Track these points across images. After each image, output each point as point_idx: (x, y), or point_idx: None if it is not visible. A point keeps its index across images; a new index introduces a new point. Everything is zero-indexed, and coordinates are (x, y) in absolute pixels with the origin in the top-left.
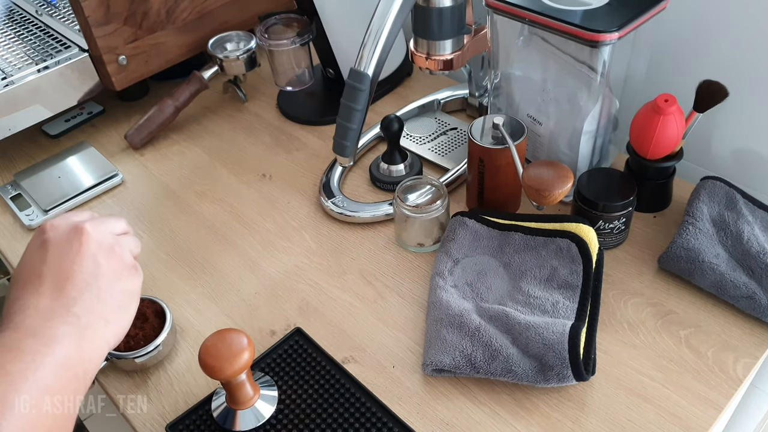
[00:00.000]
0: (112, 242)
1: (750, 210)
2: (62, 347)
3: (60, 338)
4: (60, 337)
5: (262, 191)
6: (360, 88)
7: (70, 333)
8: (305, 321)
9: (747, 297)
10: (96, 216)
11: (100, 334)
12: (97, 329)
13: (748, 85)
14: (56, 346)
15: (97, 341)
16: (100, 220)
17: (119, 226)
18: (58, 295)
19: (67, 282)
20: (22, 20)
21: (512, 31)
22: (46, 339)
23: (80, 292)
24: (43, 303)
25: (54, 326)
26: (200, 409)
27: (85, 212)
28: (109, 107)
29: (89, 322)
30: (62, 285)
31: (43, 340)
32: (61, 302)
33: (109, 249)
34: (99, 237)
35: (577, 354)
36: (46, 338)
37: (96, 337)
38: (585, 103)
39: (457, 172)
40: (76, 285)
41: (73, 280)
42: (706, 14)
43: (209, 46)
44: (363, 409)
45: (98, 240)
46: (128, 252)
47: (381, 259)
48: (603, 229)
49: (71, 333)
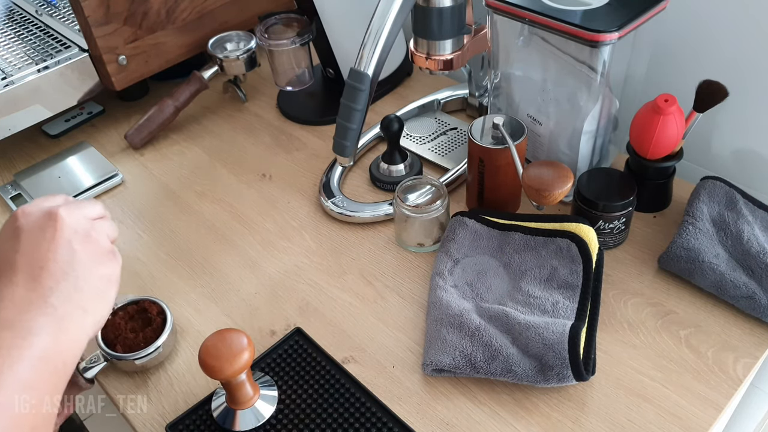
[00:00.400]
0: (87, 227)
1: (750, 210)
2: (40, 340)
3: (37, 330)
4: (37, 329)
5: (262, 191)
6: (360, 88)
7: (47, 324)
8: (305, 321)
9: (747, 297)
10: (71, 200)
11: (78, 324)
12: (75, 319)
13: (748, 85)
14: (33, 338)
15: (76, 332)
16: (74, 205)
17: (95, 210)
18: (33, 286)
19: (43, 271)
20: (22, 20)
21: (512, 31)
22: (23, 332)
23: (56, 281)
24: (19, 294)
25: (31, 318)
26: (200, 409)
27: (59, 196)
28: (109, 107)
29: (67, 312)
30: (37, 274)
31: (19, 333)
32: (38, 293)
33: (85, 234)
34: (74, 222)
35: (577, 354)
36: (23, 331)
37: (74, 328)
38: (585, 103)
39: (457, 172)
40: (51, 274)
41: (49, 269)
42: (706, 14)
43: (209, 46)
44: (363, 409)
45: (73, 226)
46: (105, 237)
47: (381, 259)
48: (603, 229)
49: (48, 324)
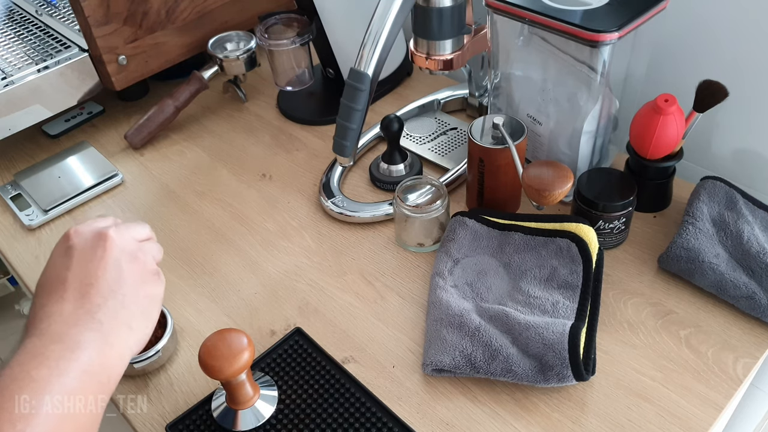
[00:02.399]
0: (135, 248)
1: (750, 210)
2: (86, 353)
3: (84, 344)
4: (84, 343)
5: (262, 191)
6: (360, 88)
7: (94, 339)
8: (305, 321)
9: (747, 297)
10: (119, 222)
11: (123, 340)
12: (120, 335)
13: (748, 85)
14: (80, 352)
15: (120, 347)
16: (124, 226)
17: (143, 232)
18: (82, 302)
19: (91, 288)
20: (22, 20)
21: (512, 31)
22: (71, 345)
23: (104, 298)
24: (68, 309)
25: (78, 332)
26: (200, 409)
27: (108, 218)
28: (109, 107)
29: (113, 328)
30: (86, 291)
31: (67, 345)
32: (86, 308)
33: (133, 255)
34: (122, 243)
35: (577, 354)
36: (71, 344)
37: (119, 344)
38: (585, 103)
39: (457, 172)
40: (100, 291)
41: (98, 287)
42: (706, 14)
43: (209, 46)
44: (363, 409)
45: (122, 246)
46: (151, 258)
47: (381, 259)
48: (603, 229)
49: (95, 339)
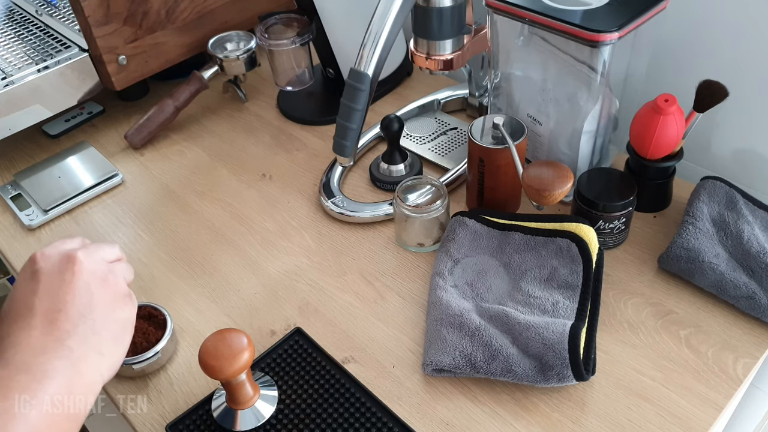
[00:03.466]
0: (105, 271)
1: (750, 210)
2: (54, 383)
3: (53, 373)
4: (53, 372)
5: (262, 191)
6: (360, 88)
7: (62, 367)
8: (305, 321)
9: (747, 297)
10: (88, 243)
11: (94, 367)
12: (91, 362)
13: (748, 85)
14: (48, 381)
15: (91, 375)
16: (93, 248)
17: (112, 253)
18: (50, 329)
19: (60, 314)
20: (22, 20)
21: (512, 31)
22: (39, 375)
23: (74, 324)
24: (35, 337)
25: (46, 361)
26: (200, 409)
27: (76, 239)
28: (109, 107)
29: (83, 354)
30: (55, 317)
31: (35, 376)
32: (54, 335)
33: (103, 278)
34: (92, 266)
35: (577, 354)
36: (39, 374)
37: (89, 371)
38: (585, 103)
39: (457, 172)
40: (69, 317)
41: (67, 312)
42: (706, 14)
43: (209, 46)
44: (363, 409)
45: (91, 269)
46: (122, 280)
47: (381, 259)
48: (603, 229)
49: (64, 367)
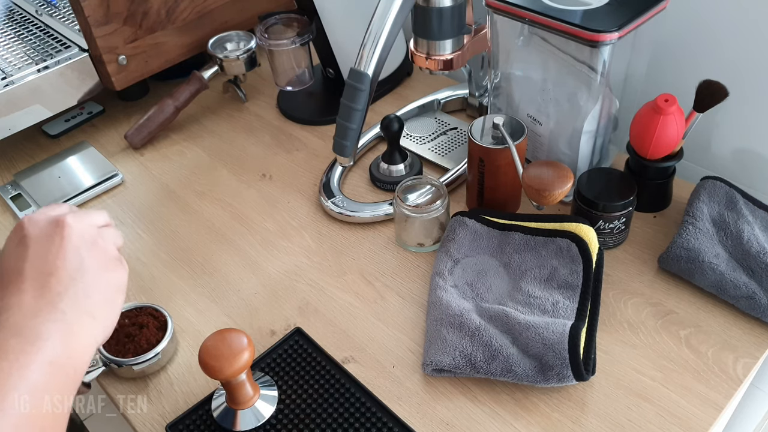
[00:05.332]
0: (94, 235)
1: (750, 210)
2: (49, 345)
3: (46, 335)
4: (46, 335)
5: (262, 191)
6: (360, 88)
7: (56, 330)
8: (305, 321)
9: (747, 297)
10: (75, 209)
11: (87, 329)
12: (84, 325)
13: (748, 85)
14: (42, 343)
15: (85, 338)
16: (81, 213)
17: (101, 219)
18: (42, 292)
19: (51, 278)
20: (22, 20)
21: (512, 31)
22: (32, 337)
23: (65, 287)
24: (27, 301)
25: (39, 324)
26: (200, 409)
27: (63, 205)
28: (109, 107)
29: (76, 317)
30: (46, 281)
31: (28, 338)
32: (46, 299)
33: (92, 242)
34: (81, 230)
35: (577, 354)
36: (32, 337)
37: (83, 333)
38: (585, 103)
39: (457, 172)
40: (60, 280)
41: (57, 276)
42: (706, 14)
43: (209, 46)
44: (363, 409)
45: (80, 233)
46: (112, 244)
47: (381, 259)
48: (603, 229)
49: (58, 330)
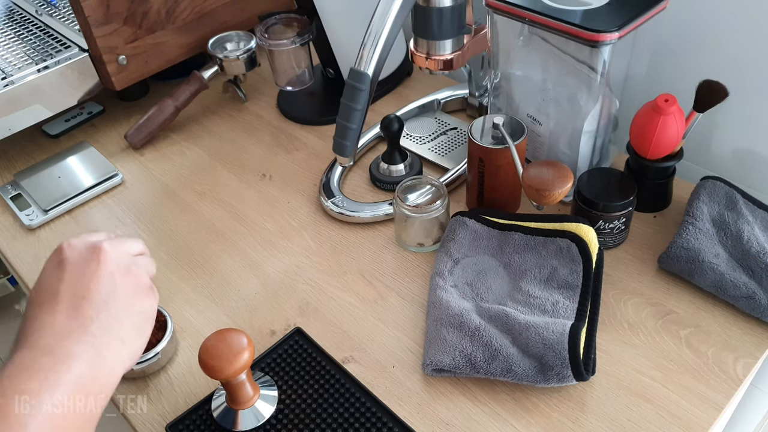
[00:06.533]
0: (129, 262)
1: (750, 210)
2: (78, 365)
3: (76, 356)
4: (76, 356)
5: (262, 191)
6: (360, 88)
7: (85, 351)
8: (305, 321)
9: (747, 297)
10: (112, 236)
11: (116, 354)
12: (113, 349)
13: (748, 85)
14: (72, 363)
15: (113, 362)
16: (117, 240)
17: (136, 247)
18: (75, 314)
19: (84, 301)
20: (22, 20)
21: (512, 31)
22: (62, 357)
23: (97, 311)
24: (59, 321)
25: (70, 345)
26: (200, 409)
27: (101, 233)
28: (109, 107)
29: (105, 342)
30: (79, 304)
31: (58, 358)
32: (78, 321)
33: (127, 269)
34: (116, 257)
35: (577, 354)
36: (62, 356)
37: (111, 357)
38: (585, 103)
39: (457, 172)
40: (93, 304)
41: (90, 299)
42: (706, 14)
43: (209, 46)
44: (363, 409)
45: (116, 259)
46: (145, 272)
47: (381, 259)
48: (603, 229)
49: (87, 351)
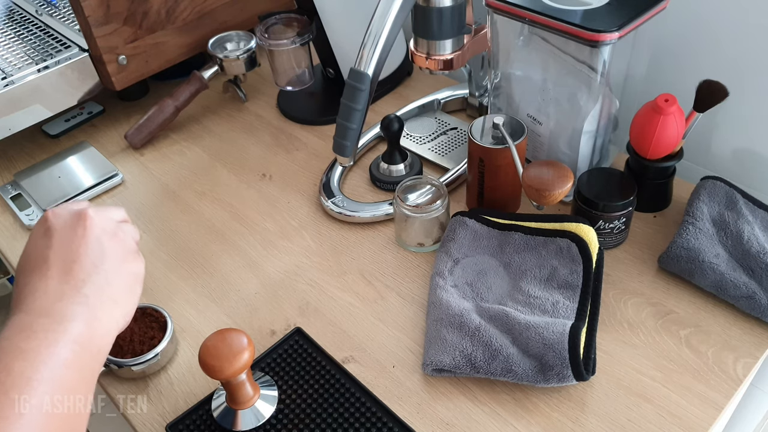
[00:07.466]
0: (114, 227)
1: (750, 210)
2: (75, 325)
3: (72, 317)
4: (71, 316)
5: (262, 191)
6: (360, 88)
7: (81, 312)
8: (305, 321)
9: (747, 297)
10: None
11: (109, 314)
12: (106, 309)
13: (748, 85)
14: (68, 323)
15: (107, 321)
16: (101, 208)
17: (119, 214)
18: (66, 278)
19: (75, 264)
20: (22, 20)
21: (512, 31)
22: (59, 317)
23: (88, 273)
24: (52, 285)
25: (65, 306)
26: (200, 409)
27: (83, 202)
28: (109, 107)
29: (98, 302)
30: (70, 267)
31: (55, 318)
32: (71, 284)
33: (113, 233)
34: (102, 222)
35: (577, 354)
36: (58, 317)
37: (106, 317)
38: (585, 103)
39: (457, 172)
40: (83, 267)
41: (81, 263)
42: (706, 14)
43: (209, 46)
44: (363, 409)
45: (101, 225)
46: (130, 237)
47: (381, 259)
48: (603, 229)
49: (82, 312)
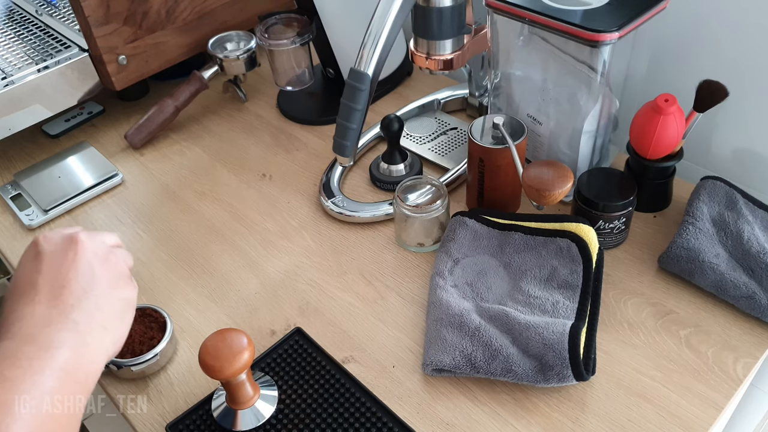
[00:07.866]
0: (106, 252)
1: (750, 210)
2: (62, 352)
3: (59, 344)
4: (58, 342)
5: (262, 191)
6: (360, 88)
7: (69, 339)
8: (305, 321)
9: (747, 297)
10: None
11: (99, 340)
12: (96, 336)
13: (748, 85)
14: (55, 351)
15: (96, 348)
16: (93, 232)
17: (111, 239)
18: (55, 303)
19: (64, 290)
20: (22, 20)
21: (512, 31)
22: (45, 344)
23: (78, 299)
24: (39, 311)
25: (52, 332)
26: (200, 409)
27: (76, 227)
28: (109, 107)
29: (88, 328)
30: (59, 293)
31: (41, 345)
32: (59, 309)
33: (105, 258)
34: (93, 246)
35: (577, 354)
36: (45, 344)
37: (95, 344)
38: (585, 103)
39: (457, 172)
40: (73, 293)
41: (70, 288)
42: (706, 14)
43: (209, 46)
44: (363, 409)
45: (93, 249)
46: (123, 262)
47: (381, 259)
48: (603, 229)
49: (70, 339)
